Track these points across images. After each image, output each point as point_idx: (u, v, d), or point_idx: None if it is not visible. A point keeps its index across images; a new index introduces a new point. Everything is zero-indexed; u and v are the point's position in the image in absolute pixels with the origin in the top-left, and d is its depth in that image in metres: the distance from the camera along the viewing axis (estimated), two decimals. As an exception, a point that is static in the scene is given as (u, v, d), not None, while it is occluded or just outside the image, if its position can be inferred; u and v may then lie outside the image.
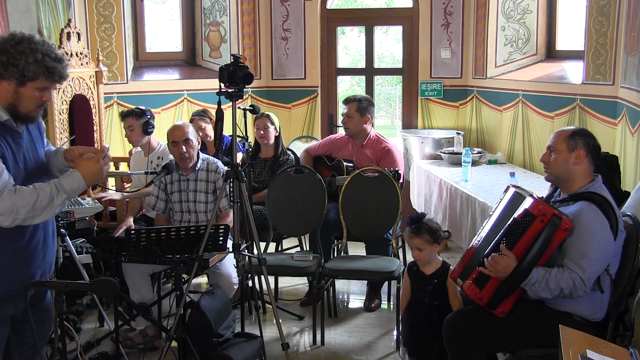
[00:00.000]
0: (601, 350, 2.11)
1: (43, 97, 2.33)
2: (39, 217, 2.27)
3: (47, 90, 2.33)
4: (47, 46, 2.28)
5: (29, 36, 2.28)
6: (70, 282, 2.22)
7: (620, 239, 2.73)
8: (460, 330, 2.86)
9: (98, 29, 5.56)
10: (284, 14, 6.30)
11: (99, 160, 2.38)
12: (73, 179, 2.33)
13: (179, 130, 4.01)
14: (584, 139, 2.80)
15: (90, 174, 2.37)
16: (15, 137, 2.33)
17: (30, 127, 2.45)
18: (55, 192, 2.27)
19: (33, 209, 2.22)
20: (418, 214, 3.22)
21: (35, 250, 2.39)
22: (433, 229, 3.14)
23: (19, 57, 2.22)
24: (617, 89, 4.28)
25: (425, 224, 3.13)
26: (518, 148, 5.52)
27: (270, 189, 4.50)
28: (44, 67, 2.25)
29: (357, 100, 4.74)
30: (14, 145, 2.31)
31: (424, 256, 3.14)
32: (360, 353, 3.89)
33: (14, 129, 2.33)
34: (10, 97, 2.27)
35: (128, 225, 4.35)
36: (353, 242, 4.82)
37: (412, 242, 3.14)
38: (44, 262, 2.45)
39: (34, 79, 2.26)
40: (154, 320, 3.85)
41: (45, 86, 2.31)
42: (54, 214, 2.34)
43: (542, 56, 5.81)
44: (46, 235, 2.45)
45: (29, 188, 2.24)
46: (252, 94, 6.33)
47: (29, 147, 2.40)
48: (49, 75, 2.28)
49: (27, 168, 2.37)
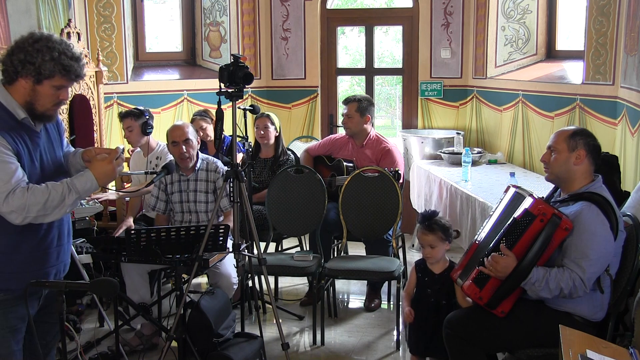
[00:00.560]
0: (601, 350, 2.11)
1: (60, 95, 2.34)
2: (50, 215, 2.29)
3: (64, 88, 2.35)
4: (65, 45, 2.31)
5: (48, 35, 2.31)
6: (70, 282, 2.22)
7: (620, 239, 2.73)
8: (460, 330, 2.86)
9: (98, 29, 5.56)
10: (284, 14, 6.30)
11: (112, 160, 2.41)
12: (86, 179, 2.36)
13: (179, 131, 4.01)
14: (584, 139, 2.80)
15: (103, 174, 2.40)
16: (33, 136, 2.35)
17: (49, 127, 2.47)
18: (67, 192, 2.29)
19: (44, 207, 2.25)
20: (430, 212, 3.23)
21: (49, 249, 2.42)
22: (445, 226, 3.16)
23: (35, 55, 2.25)
24: (617, 89, 4.28)
25: (439, 221, 3.15)
26: (518, 148, 5.52)
27: (270, 189, 4.50)
28: (61, 65, 2.28)
29: (357, 101, 4.74)
30: (31, 144, 2.34)
31: (436, 253, 3.14)
32: (360, 353, 3.89)
33: (32, 128, 2.35)
34: (27, 95, 2.30)
35: (128, 225, 4.35)
36: (353, 242, 4.82)
37: (425, 240, 3.14)
38: (58, 261, 2.47)
39: (51, 77, 2.28)
40: (153, 321, 3.85)
41: (62, 84, 2.32)
42: (65, 213, 2.36)
43: (542, 56, 5.81)
44: (61, 234, 2.48)
45: (42, 186, 2.27)
46: (252, 94, 6.33)
47: (46, 147, 2.43)
48: (66, 74, 2.30)
49: (44, 168, 2.39)
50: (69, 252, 2.58)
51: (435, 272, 3.18)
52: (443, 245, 3.15)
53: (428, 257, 3.17)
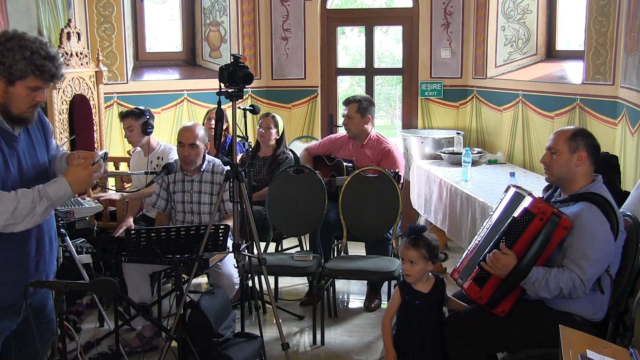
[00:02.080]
0: (601, 350, 2.11)
1: (36, 97, 2.20)
2: (20, 224, 2.15)
3: (40, 90, 2.20)
4: (39, 44, 2.16)
5: (21, 34, 2.17)
6: (70, 282, 2.18)
7: (620, 240, 2.73)
8: (460, 330, 2.86)
9: (98, 29, 5.56)
10: (284, 14, 6.30)
11: (87, 166, 2.25)
12: (59, 186, 2.20)
13: (188, 133, 3.96)
14: (584, 140, 2.79)
15: (78, 180, 2.24)
16: (10, 140, 2.23)
17: (32, 130, 2.33)
18: (37, 199, 2.15)
19: (13, 215, 2.12)
20: (419, 226, 3.02)
21: (27, 260, 2.28)
22: (432, 245, 2.91)
23: (6, 54, 2.12)
24: (617, 89, 4.28)
25: (426, 239, 2.91)
26: (518, 148, 5.52)
27: (270, 189, 4.50)
28: (33, 65, 2.14)
29: (358, 101, 4.73)
30: (7, 148, 2.21)
31: (415, 272, 2.90)
32: (360, 353, 3.88)
33: (8, 131, 2.22)
34: (0, 97, 2.17)
35: (128, 225, 4.35)
36: (353, 242, 4.82)
37: (407, 254, 2.90)
38: (37, 271, 2.33)
39: (23, 78, 2.15)
40: (154, 321, 3.85)
41: (36, 85, 2.18)
42: (37, 222, 2.20)
43: (542, 56, 5.81)
44: (41, 244, 2.33)
45: (11, 194, 2.13)
46: (252, 94, 6.33)
47: (26, 151, 2.29)
48: (40, 74, 2.16)
49: (23, 173, 2.26)
50: (53, 261, 2.44)
51: (424, 292, 2.94)
52: (425, 264, 2.89)
53: (407, 274, 2.92)
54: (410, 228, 2.98)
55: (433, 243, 2.92)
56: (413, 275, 2.92)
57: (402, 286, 2.98)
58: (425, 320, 2.94)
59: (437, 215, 5.01)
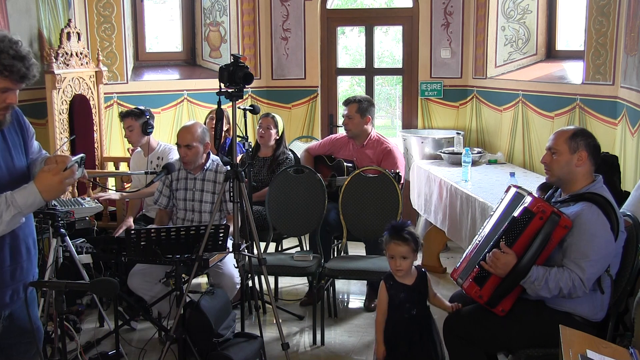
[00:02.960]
0: (601, 350, 2.11)
1: (7, 99, 2.08)
2: None
3: (11, 91, 2.08)
4: (7, 43, 2.04)
5: None
6: (70, 282, 2.18)
7: (620, 240, 2.73)
8: (460, 330, 2.86)
9: (98, 29, 5.56)
10: (284, 14, 6.30)
11: (58, 172, 2.11)
12: (28, 193, 2.07)
13: (184, 134, 3.95)
14: (585, 140, 2.79)
15: (48, 187, 2.09)
16: None
17: (8, 132, 2.21)
18: (4, 207, 2.03)
19: None
20: (401, 222, 3.04)
21: (2, 269, 2.17)
22: (416, 236, 2.98)
23: None
24: (617, 89, 4.28)
25: (413, 233, 2.97)
26: (518, 148, 5.52)
27: (270, 189, 4.50)
28: (1, 65, 2.02)
29: (358, 101, 4.73)
30: None
31: (407, 265, 2.95)
32: (360, 353, 3.88)
33: None
34: None
35: (128, 225, 4.35)
36: (353, 242, 4.82)
37: (399, 251, 2.93)
38: (13, 281, 2.21)
39: None
40: (153, 321, 3.85)
41: (6, 87, 2.06)
42: (4, 231, 2.09)
43: (542, 56, 5.81)
44: (16, 252, 2.22)
45: None
46: (252, 94, 6.33)
47: (0, 155, 2.17)
48: (8, 75, 2.03)
49: None
50: (32, 269, 2.31)
51: (408, 284, 2.98)
52: (414, 256, 2.96)
53: (399, 269, 2.95)
54: (393, 225, 3.01)
55: (416, 234, 3.01)
56: (405, 270, 2.96)
57: (386, 280, 3.02)
58: (412, 315, 2.95)
59: (437, 215, 5.01)
